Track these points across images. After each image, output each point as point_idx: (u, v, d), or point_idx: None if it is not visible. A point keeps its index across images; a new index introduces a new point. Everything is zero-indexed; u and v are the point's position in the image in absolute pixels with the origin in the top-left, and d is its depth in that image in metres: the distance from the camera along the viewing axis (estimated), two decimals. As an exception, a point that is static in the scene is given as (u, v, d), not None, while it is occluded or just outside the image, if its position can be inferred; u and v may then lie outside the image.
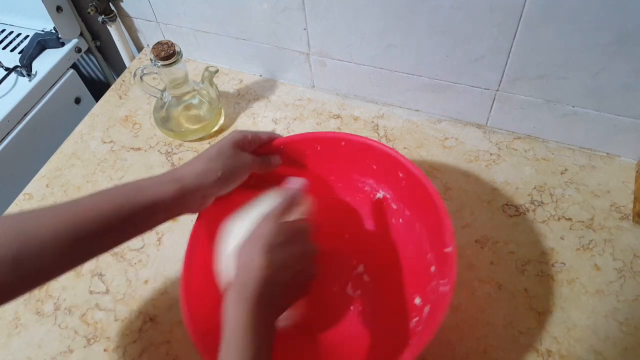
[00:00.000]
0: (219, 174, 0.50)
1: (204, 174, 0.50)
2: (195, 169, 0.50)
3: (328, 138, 0.60)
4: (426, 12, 0.63)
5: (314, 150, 0.60)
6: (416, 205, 0.57)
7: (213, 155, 0.51)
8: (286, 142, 0.59)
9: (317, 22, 0.72)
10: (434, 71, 0.71)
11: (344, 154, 0.59)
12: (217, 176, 0.50)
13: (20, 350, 0.62)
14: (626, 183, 0.68)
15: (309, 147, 0.60)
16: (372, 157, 0.58)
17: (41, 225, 0.42)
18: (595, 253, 0.62)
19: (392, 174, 0.57)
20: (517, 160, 0.72)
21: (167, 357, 0.59)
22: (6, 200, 0.76)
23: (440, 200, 0.51)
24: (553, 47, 0.60)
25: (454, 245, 0.48)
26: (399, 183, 0.57)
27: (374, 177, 0.61)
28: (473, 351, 0.56)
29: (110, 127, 0.84)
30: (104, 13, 0.87)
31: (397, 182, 0.58)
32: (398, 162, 0.56)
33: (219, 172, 0.50)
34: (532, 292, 0.60)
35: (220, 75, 0.88)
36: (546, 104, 0.68)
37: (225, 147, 0.52)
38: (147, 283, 0.66)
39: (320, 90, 0.84)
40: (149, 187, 0.47)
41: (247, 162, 0.53)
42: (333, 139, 0.59)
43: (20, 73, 0.91)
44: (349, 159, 0.60)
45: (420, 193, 0.53)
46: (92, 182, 0.77)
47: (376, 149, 0.57)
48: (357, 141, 0.58)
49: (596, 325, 0.57)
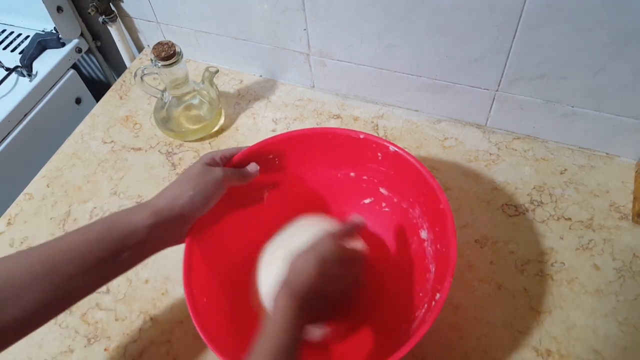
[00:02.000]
0: (190, 193, 0.50)
1: (176, 196, 0.50)
2: (165, 195, 0.50)
3: (308, 136, 0.60)
4: (426, 12, 0.63)
5: (297, 151, 0.61)
6: (437, 235, 0.56)
7: (183, 179, 0.51)
8: (352, 136, 0.59)
9: (317, 22, 0.72)
10: (434, 71, 0.71)
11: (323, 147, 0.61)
12: (189, 196, 0.50)
13: (21, 350, 0.62)
14: (625, 183, 0.68)
15: (292, 147, 0.60)
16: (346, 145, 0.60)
17: (17, 270, 0.41)
18: (594, 253, 0.62)
19: (436, 218, 0.56)
20: (517, 160, 0.72)
21: (168, 356, 0.59)
22: (7, 200, 0.76)
23: (442, 193, 0.52)
24: (553, 47, 0.60)
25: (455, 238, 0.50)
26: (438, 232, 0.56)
27: (353, 167, 0.62)
28: (473, 351, 0.56)
29: (111, 127, 0.84)
30: (104, 13, 0.87)
31: (426, 205, 0.57)
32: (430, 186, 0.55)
33: (190, 192, 0.50)
34: (531, 292, 0.60)
35: (221, 75, 0.88)
36: (546, 104, 0.68)
37: (195, 168, 0.52)
38: (148, 283, 0.66)
39: (320, 91, 0.84)
40: (122, 219, 0.47)
41: (218, 176, 0.52)
42: (316, 135, 0.60)
43: (20, 73, 0.91)
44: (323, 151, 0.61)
45: (443, 229, 0.53)
46: (92, 182, 0.77)
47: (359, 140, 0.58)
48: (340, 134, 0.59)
49: (595, 325, 0.57)
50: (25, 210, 0.75)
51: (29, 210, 0.75)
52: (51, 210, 0.74)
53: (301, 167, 0.62)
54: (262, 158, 0.59)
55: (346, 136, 0.59)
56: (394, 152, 0.57)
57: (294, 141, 0.60)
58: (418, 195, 0.57)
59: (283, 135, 0.60)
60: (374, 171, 0.61)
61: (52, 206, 0.75)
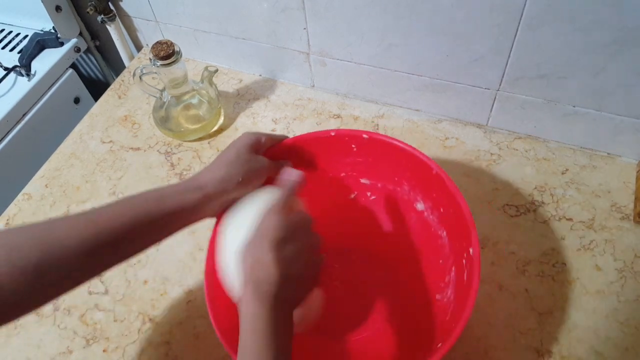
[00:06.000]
0: (239, 178, 0.50)
1: (227, 179, 0.50)
2: (216, 176, 0.50)
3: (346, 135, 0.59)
4: (426, 11, 0.63)
5: (326, 149, 0.60)
6: (436, 201, 0.57)
7: (232, 160, 0.51)
8: (296, 141, 0.58)
9: (317, 21, 0.72)
10: (435, 71, 0.71)
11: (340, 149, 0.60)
12: (239, 181, 0.50)
13: (20, 351, 0.62)
14: (627, 183, 0.67)
15: (321, 145, 0.59)
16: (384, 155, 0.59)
17: (63, 235, 0.41)
18: (596, 253, 0.62)
19: (429, 185, 0.57)
20: (518, 160, 0.71)
21: (167, 357, 0.59)
22: (6, 200, 0.76)
23: (462, 198, 0.52)
24: (554, 47, 0.60)
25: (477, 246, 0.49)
26: (436, 197, 0.57)
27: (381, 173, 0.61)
28: (473, 351, 0.56)
29: (110, 127, 0.84)
30: (103, 13, 0.86)
31: (414, 178, 0.58)
32: (415, 158, 0.55)
33: (240, 177, 0.50)
34: (532, 293, 0.60)
35: (220, 74, 0.88)
36: (547, 104, 0.67)
37: (242, 151, 0.52)
38: (147, 283, 0.65)
39: (320, 90, 0.84)
40: (172, 196, 0.48)
41: (264, 165, 0.53)
42: (350, 136, 0.59)
43: (19, 73, 0.91)
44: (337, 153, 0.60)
45: (442, 191, 0.54)
46: (91, 182, 0.76)
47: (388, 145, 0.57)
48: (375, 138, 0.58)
49: (597, 326, 0.57)
50: (23, 210, 0.74)
51: (27, 210, 0.74)
52: (50, 211, 0.74)
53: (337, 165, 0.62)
54: (303, 150, 0.59)
55: (316, 138, 0.58)
56: (367, 139, 0.57)
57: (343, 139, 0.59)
58: (403, 172, 0.58)
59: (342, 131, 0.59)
60: (351, 165, 0.60)
61: (51, 206, 0.74)
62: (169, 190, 0.48)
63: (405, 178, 0.58)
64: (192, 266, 0.66)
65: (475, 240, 0.49)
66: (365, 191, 0.63)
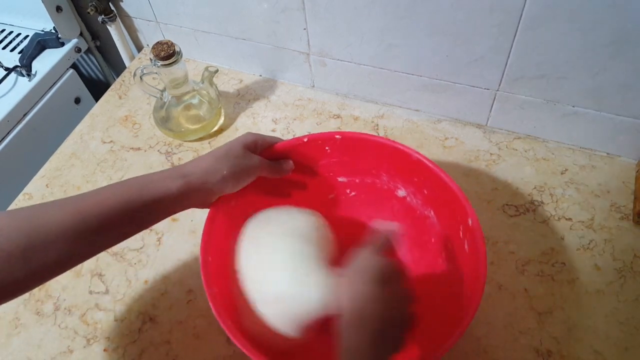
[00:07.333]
0: (223, 172, 0.51)
1: (210, 171, 0.51)
2: (201, 167, 0.51)
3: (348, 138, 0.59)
4: (426, 12, 0.63)
5: (328, 151, 0.60)
6: (418, 185, 0.58)
7: (221, 155, 0.52)
8: (295, 144, 0.58)
9: (317, 22, 0.72)
10: (434, 71, 0.71)
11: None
12: (222, 175, 0.51)
13: (20, 350, 0.62)
14: (626, 183, 0.67)
15: (324, 147, 0.60)
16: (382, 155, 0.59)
17: (48, 219, 0.42)
18: (595, 253, 0.62)
19: (409, 172, 0.58)
20: (517, 160, 0.72)
21: (167, 357, 0.59)
22: (6, 200, 0.76)
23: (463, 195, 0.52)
24: (553, 47, 0.60)
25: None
26: (418, 182, 0.58)
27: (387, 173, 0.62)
28: (473, 351, 0.56)
29: (110, 127, 0.84)
30: (103, 13, 0.87)
31: (393, 168, 0.59)
32: (392, 148, 0.56)
33: (224, 171, 0.51)
34: (532, 292, 0.60)
35: (220, 75, 0.88)
36: (546, 104, 0.68)
37: (234, 148, 0.53)
38: (147, 283, 0.65)
39: (320, 90, 0.84)
40: (154, 183, 0.48)
41: (254, 164, 0.54)
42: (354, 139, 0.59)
43: (20, 73, 0.91)
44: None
45: (424, 174, 0.55)
46: (91, 182, 0.77)
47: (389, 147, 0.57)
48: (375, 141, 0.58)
49: (596, 326, 0.57)
50: (24, 210, 0.75)
51: (28, 210, 0.74)
52: (50, 211, 0.74)
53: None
54: (304, 153, 0.59)
55: (293, 145, 0.58)
56: (340, 139, 0.57)
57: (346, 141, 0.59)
58: (380, 164, 0.58)
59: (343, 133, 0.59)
60: (327, 166, 0.61)
61: (52, 206, 0.74)
62: (152, 177, 0.49)
63: (384, 169, 0.59)
64: (193, 266, 0.66)
65: (471, 211, 0.49)
66: (344, 189, 0.64)
